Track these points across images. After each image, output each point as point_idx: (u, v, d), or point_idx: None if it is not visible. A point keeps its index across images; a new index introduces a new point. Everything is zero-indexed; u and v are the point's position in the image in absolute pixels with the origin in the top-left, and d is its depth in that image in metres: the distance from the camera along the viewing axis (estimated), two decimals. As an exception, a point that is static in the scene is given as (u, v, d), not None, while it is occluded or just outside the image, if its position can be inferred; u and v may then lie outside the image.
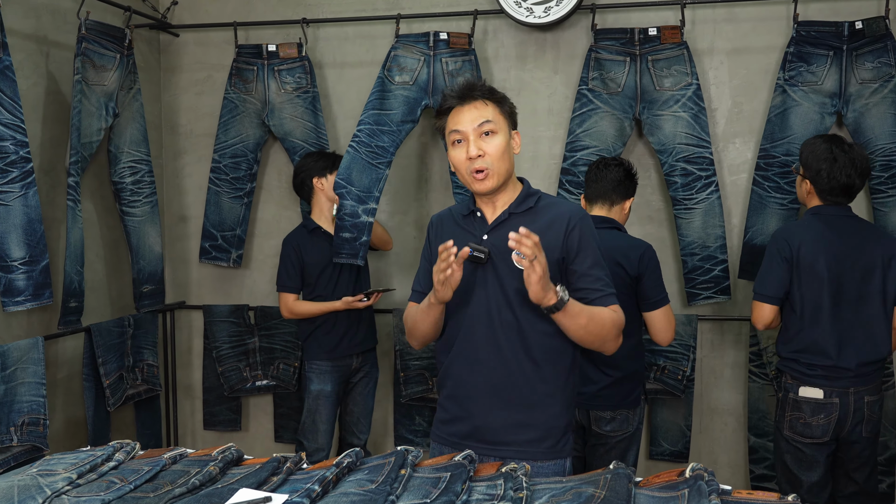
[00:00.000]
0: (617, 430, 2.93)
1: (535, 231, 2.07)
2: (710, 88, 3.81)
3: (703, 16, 3.80)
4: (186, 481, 1.81)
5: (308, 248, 3.63)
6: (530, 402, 2.20)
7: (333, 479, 1.78)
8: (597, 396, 2.90)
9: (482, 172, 2.18)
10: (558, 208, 2.26)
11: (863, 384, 2.88)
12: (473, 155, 2.17)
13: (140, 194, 3.90)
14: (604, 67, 3.76)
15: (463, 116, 2.21)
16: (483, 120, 2.19)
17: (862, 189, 3.00)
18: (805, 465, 2.95)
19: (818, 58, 3.56)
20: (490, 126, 2.19)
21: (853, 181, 2.92)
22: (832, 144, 2.95)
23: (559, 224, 2.20)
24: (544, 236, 2.12)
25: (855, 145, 2.96)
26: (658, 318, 2.88)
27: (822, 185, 2.95)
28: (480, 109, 2.20)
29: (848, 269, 2.89)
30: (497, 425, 2.21)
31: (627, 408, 2.94)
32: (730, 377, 3.89)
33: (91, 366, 3.60)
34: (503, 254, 2.18)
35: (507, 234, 2.02)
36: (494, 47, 4.00)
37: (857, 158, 2.92)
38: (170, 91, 4.36)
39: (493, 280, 2.21)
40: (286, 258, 3.64)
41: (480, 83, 2.25)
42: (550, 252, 2.15)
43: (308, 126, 4.04)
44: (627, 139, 3.78)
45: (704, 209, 3.72)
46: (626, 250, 2.87)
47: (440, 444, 2.32)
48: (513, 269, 2.17)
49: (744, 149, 3.81)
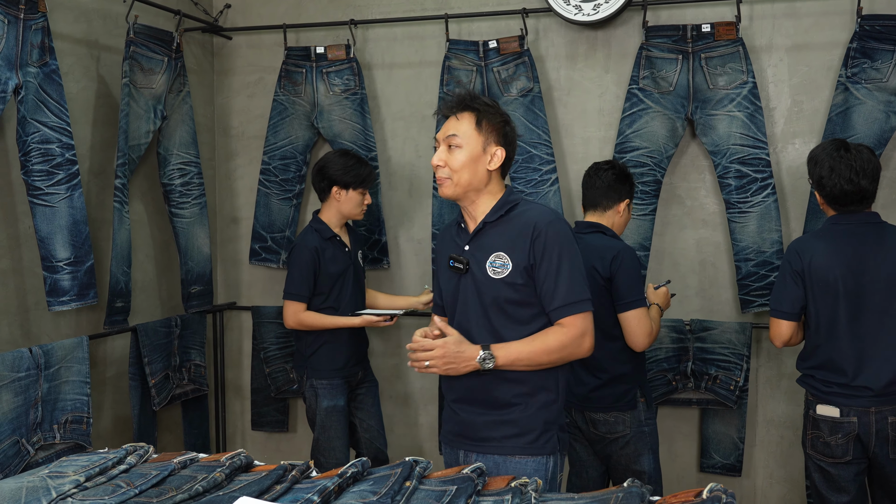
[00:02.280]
0: (610, 431, 2.92)
1: (508, 238, 2.28)
2: (769, 87, 3.65)
3: (761, 11, 3.64)
4: (190, 487, 1.79)
5: (327, 256, 3.45)
6: (506, 402, 2.29)
7: (336, 489, 1.74)
8: (588, 398, 2.94)
9: (441, 180, 2.33)
10: (528, 215, 2.32)
11: (887, 403, 2.69)
12: (434, 163, 2.34)
13: (189, 196, 3.94)
14: (655, 66, 3.63)
15: (443, 126, 2.37)
16: (451, 133, 2.32)
17: (874, 194, 2.78)
18: (832, 486, 2.81)
19: (883, 53, 3.37)
20: (456, 140, 2.31)
21: (857, 186, 2.73)
22: (832, 150, 2.78)
23: (526, 231, 2.28)
24: (514, 244, 2.28)
25: (860, 147, 2.76)
26: (629, 320, 2.82)
27: (825, 194, 2.80)
28: (454, 123, 2.34)
29: (869, 280, 2.71)
30: (478, 424, 2.33)
31: (620, 410, 2.91)
32: (787, 388, 3.71)
33: (137, 365, 3.65)
34: (479, 263, 2.32)
35: (484, 244, 2.31)
36: (545, 46, 3.91)
37: (858, 161, 2.73)
38: (223, 93, 4.40)
39: (470, 288, 2.34)
40: (303, 265, 3.41)
41: (471, 96, 2.37)
42: (519, 259, 2.26)
43: (356, 128, 4.03)
44: (679, 140, 3.65)
45: (760, 213, 3.57)
46: (601, 251, 2.87)
47: (445, 443, 2.47)
48: (487, 277, 2.29)
49: (804, 149, 3.62)
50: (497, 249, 2.30)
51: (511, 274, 2.27)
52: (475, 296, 2.32)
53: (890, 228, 2.78)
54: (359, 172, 3.46)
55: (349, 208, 3.49)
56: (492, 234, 2.33)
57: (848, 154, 2.74)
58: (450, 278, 2.40)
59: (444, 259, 2.44)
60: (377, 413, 3.67)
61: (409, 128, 4.13)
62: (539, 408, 2.29)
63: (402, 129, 4.14)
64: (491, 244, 2.31)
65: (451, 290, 2.39)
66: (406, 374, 4.19)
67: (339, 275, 3.47)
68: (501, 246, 2.30)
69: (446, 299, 2.43)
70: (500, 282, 2.28)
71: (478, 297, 2.31)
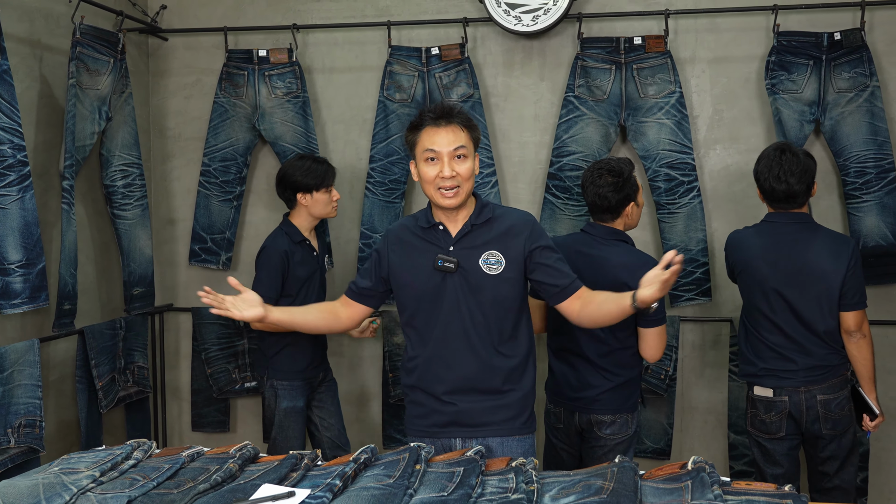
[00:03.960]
0: (617, 433, 2.98)
1: (497, 236, 2.49)
2: (693, 96, 3.92)
3: (685, 26, 3.91)
4: (208, 478, 1.87)
5: (296, 260, 3.44)
6: (502, 388, 2.50)
7: (352, 474, 1.85)
8: (596, 401, 2.96)
9: (451, 190, 2.44)
10: (512, 216, 2.57)
11: (815, 383, 3.00)
12: (448, 175, 2.43)
13: (131, 197, 3.93)
14: (590, 75, 3.86)
15: (439, 138, 2.45)
16: (458, 145, 2.45)
17: (804, 195, 3.04)
18: (769, 460, 3.12)
19: (798, 66, 3.68)
20: (463, 151, 2.46)
21: (786, 184, 2.99)
22: (772, 151, 3.06)
23: (517, 229, 2.51)
24: (507, 239, 2.49)
25: (797, 151, 3.03)
26: (652, 336, 2.92)
27: (761, 189, 3.10)
28: (456, 133, 2.46)
29: (786, 275, 3.00)
30: (476, 411, 2.50)
31: (627, 412, 3.00)
32: (710, 376, 4.00)
33: (84, 368, 3.62)
34: (470, 261, 2.48)
35: (472, 244, 2.48)
36: (482, 54, 4.08)
37: (789, 163, 2.99)
38: (158, 95, 4.39)
39: (462, 285, 2.49)
40: (272, 266, 3.40)
41: (458, 108, 2.52)
42: (515, 251, 2.49)
43: (298, 130, 4.10)
44: (612, 145, 3.89)
45: (687, 213, 3.84)
46: (633, 269, 2.76)
47: (419, 436, 2.55)
48: (480, 272, 2.48)
49: (724, 154, 3.92)
50: (489, 248, 2.49)
51: (506, 269, 2.48)
52: (468, 292, 2.49)
53: (819, 230, 3.06)
54: (318, 172, 3.45)
55: (319, 209, 3.50)
56: (479, 234, 2.50)
57: (783, 156, 3.01)
58: (430, 278, 2.51)
59: (416, 261, 2.53)
60: (338, 412, 3.71)
61: (350, 131, 4.22)
62: (526, 391, 2.54)
63: (342, 132, 4.24)
64: (481, 243, 2.50)
65: (433, 290, 2.51)
66: (346, 372, 4.28)
67: (307, 278, 3.48)
68: (493, 245, 2.49)
69: (426, 299, 2.52)
70: (495, 277, 2.48)
71: (471, 293, 2.48)
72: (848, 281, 2.94)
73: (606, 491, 1.76)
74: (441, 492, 1.78)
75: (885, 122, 3.61)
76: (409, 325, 2.61)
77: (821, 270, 2.97)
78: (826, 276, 2.96)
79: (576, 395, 2.99)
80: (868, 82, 3.61)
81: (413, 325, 2.59)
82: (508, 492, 1.79)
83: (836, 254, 2.97)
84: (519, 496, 1.76)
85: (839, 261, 2.95)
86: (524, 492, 1.78)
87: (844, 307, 2.96)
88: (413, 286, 2.56)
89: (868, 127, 3.62)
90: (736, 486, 1.84)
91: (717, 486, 1.76)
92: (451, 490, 1.78)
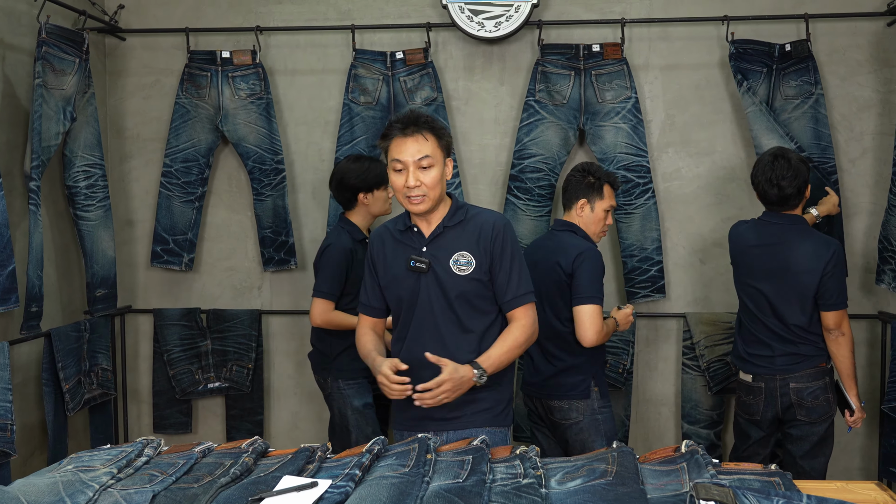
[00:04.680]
0: (565, 418, 3.15)
1: (468, 238, 2.56)
2: (646, 101, 4.10)
3: (639, 34, 4.08)
4: (225, 471, 1.91)
5: (360, 257, 3.42)
6: (478, 387, 2.52)
7: (368, 464, 1.93)
8: (544, 385, 3.18)
9: (418, 198, 2.50)
10: (483, 217, 2.62)
11: (788, 372, 3.20)
12: (412, 185, 2.49)
13: (94, 198, 3.90)
14: (550, 80, 3.99)
15: (405, 148, 2.50)
16: (422, 155, 2.49)
17: (796, 198, 3.23)
18: (741, 436, 3.42)
19: (754, 73, 3.89)
20: (428, 161, 2.50)
21: (777, 188, 3.19)
22: (768, 155, 3.26)
23: (486, 231, 2.57)
24: (478, 241, 2.56)
25: (791, 156, 3.21)
26: (582, 314, 3.04)
27: (756, 190, 3.29)
28: (421, 143, 2.50)
29: (767, 270, 3.21)
30: (447, 406, 2.50)
31: (574, 398, 3.14)
32: (664, 370, 4.18)
33: (51, 370, 3.59)
34: (441, 261, 2.56)
35: (445, 245, 2.56)
36: (444, 58, 4.18)
37: (780, 169, 3.18)
38: (115, 95, 4.35)
39: (434, 285, 2.56)
40: (336, 265, 3.41)
41: (425, 117, 2.55)
42: (484, 253, 2.56)
43: (262, 132, 4.12)
44: (571, 148, 4.03)
45: (642, 214, 4.00)
46: (567, 249, 3.13)
47: (400, 430, 2.65)
48: (451, 274, 2.55)
49: (676, 157, 4.11)
50: (459, 249, 2.56)
51: (475, 270, 2.55)
52: (439, 292, 2.56)
53: (806, 232, 3.23)
54: (376, 172, 3.49)
55: (378, 207, 3.54)
56: (451, 235, 2.58)
57: (776, 161, 3.20)
58: (405, 278, 2.59)
59: (394, 262, 2.63)
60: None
61: (312, 132, 4.27)
62: (505, 385, 2.63)
63: (304, 134, 4.28)
64: (452, 244, 2.57)
65: (409, 289, 2.59)
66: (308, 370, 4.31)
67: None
68: (463, 246, 2.57)
69: (404, 298, 2.61)
70: (464, 278, 2.55)
71: (442, 293, 2.56)
72: (826, 282, 3.13)
73: (611, 473, 1.88)
74: (456, 479, 1.86)
75: (827, 128, 3.84)
76: (395, 323, 2.69)
77: (798, 269, 3.15)
78: (803, 275, 3.14)
79: (531, 381, 3.22)
80: (813, 90, 3.84)
81: (397, 323, 2.67)
82: (518, 477, 1.89)
83: (816, 255, 3.15)
84: (530, 480, 1.86)
85: (818, 262, 3.13)
86: (533, 477, 1.89)
87: (824, 307, 3.15)
88: (392, 287, 2.65)
89: (812, 132, 3.85)
90: (725, 466, 1.99)
91: (711, 467, 1.90)
92: (465, 477, 1.87)
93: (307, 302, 4.25)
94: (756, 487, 1.83)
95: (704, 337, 3.98)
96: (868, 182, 3.99)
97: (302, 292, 4.29)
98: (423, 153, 2.49)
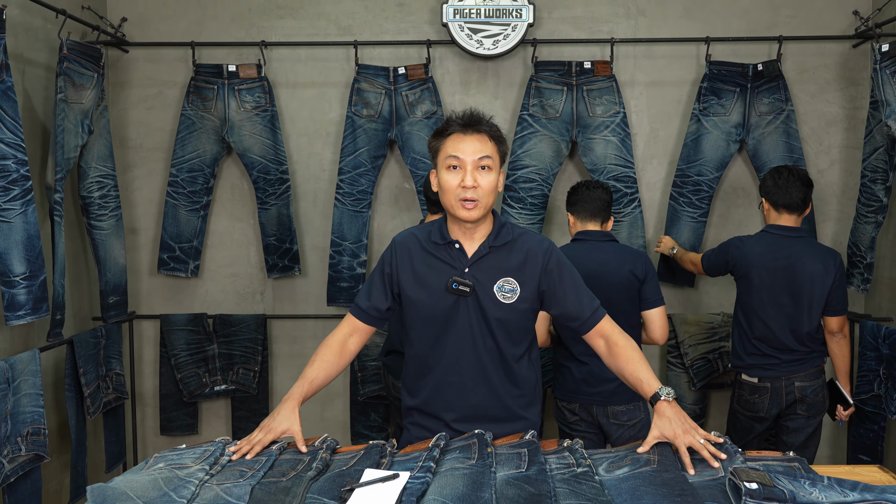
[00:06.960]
0: (633, 417, 3.32)
1: (514, 263, 2.39)
2: (632, 116, 4.37)
3: (625, 52, 4.35)
4: (308, 466, 2.09)
5: None
6: (513, 415, 2.47)
7: (437, 457, 2.13)
8: (614, 394, 3.27)
9: (472, 202, 2.32)
10: (529, 242, 2.44)
11: (794, 373, 3.48)
12: (469, 185, 2.30)
13: (107, 208, 4.01)
14: (543, 95, 4.23)
15: (465, 145, 2.32)
16: (484, 154, 2.32)
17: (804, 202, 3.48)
18: (741, 431, 3.63)
19: (727, 93, 4.18)
20: (488, 161, 2.33)
21: (791, 199, 3.45)
22: (780, 168, 3.54)
23: (535, 256, 2.42)
24: (523, 267, 2.41)
25: (795, 171, 3.49)
26: (656, 316, 3.29)
27: (769, 201, 3.51)
28: (483, 143, 2.33)
29: (777, 279, 3.44)
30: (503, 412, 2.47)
31: (638, 399, 3.30)
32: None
33: (73, 376, 3.70)
34: (485, 286, 2.39)
35: (489, 268, 2.38)
36: (441, 73, 4.39)
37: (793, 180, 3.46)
38: (118, 106, 4.46)
39: (475, 310, 2.40)
40: None
41: (487, 118, 2.39)
42: (531, 280, 2.41)
43: (267, 143, 4.28)
44: (564, 159, 4.28)
45: (629, 222, 4.27)
46: (633, 257, 3.30)
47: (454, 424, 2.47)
48: (494, 300, 2.39)
49: (660, 169, 4.39)
50: (505, 275, 2.40)
51: (520, 299, 2.40)
52: (479, 318, 2.40)
53: (811, 243, 3.49)
54: None
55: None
56: (496, 258, 2.40)
57: (787, 171, 3.48)
58: (441, 298, 2.40)
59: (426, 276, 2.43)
60: None
61: (313, 144, 4.44)
62: (534, 420, 2.52)
63: (306, 145, 4.45)
64: (497, 268, 2.40)
65: (444, 310, 2.41)
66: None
67: None
68: (509, 271, 2.41)
69: (436, 318, 2.42)
70: (509, 306, 2.40)
71: (483, 318, 2.40)
72: (834, 291, 3.43)
73: (654, 462, 2.12)
74: (518, 469, 2.08)
75: (798, 141, 4.16)
76: (414, 344, 2.50)
77: (813, 283, 3.41)
78: (815, 284, 3.41)
79: (592, 391, 3.30)
80: (784, 107, 4.15)
81: (418, 345, 2.48)
82: (572, 466, 2.11)
83: (825, 268, 3.42)
84: (584, 469, 2.08)
85: (827, 274, 3.41)
86: (585, 466, 2.11)
87: (830, 312, 3.45)
88: (422, 303, 2.44)
89: (784, 146, 4.16)
90: (749, 454, 2.24)
91: (740, 455, 2.15)
92: (526, 467, 2.08)
93: (308, 306, 4.45)
94: (780, 471, 2.08)
95: (688, 336, 4.27)
96: (836, 191, 4.32)
97: (303, 297, 4.46)
98: (484, 153, 2.32)
